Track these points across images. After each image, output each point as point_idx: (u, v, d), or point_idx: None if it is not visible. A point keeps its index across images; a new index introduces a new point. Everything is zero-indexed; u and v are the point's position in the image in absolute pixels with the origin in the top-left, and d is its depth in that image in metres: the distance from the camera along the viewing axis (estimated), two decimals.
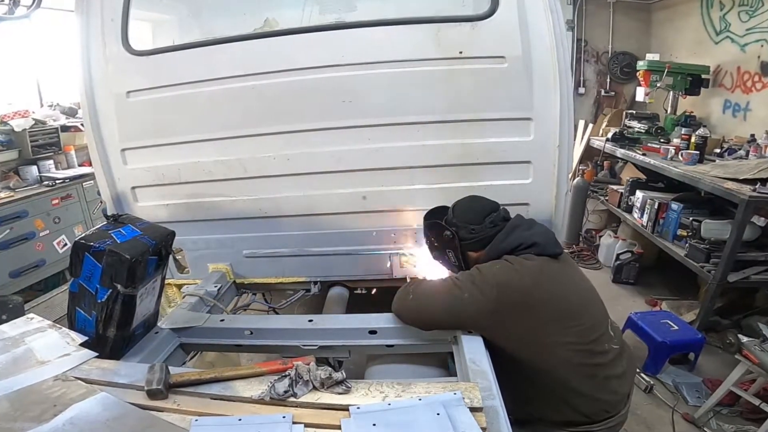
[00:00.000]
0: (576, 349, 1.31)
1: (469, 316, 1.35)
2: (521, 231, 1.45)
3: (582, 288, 1.45)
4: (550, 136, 1.73)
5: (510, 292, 1.32)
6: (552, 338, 1.31)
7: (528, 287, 1.32)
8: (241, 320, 1.76)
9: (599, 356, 1.34)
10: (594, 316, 1.39)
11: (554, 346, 1.31)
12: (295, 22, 1.87)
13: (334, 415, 1.00)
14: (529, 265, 1.36)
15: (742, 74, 3.87)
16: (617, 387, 1.38)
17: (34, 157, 3.69)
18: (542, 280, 1.35)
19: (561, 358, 1.30)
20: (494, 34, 1.64)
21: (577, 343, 1.31)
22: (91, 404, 1.00)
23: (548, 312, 1.32)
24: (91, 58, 1.81)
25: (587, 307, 1.40)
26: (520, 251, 1.41)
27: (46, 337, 1.25)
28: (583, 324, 1.34)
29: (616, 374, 1.37)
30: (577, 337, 1.31)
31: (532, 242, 1.41)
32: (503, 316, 1.32)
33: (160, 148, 1.88)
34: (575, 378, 1.31)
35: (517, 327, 1.32)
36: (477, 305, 1.32)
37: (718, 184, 2.77)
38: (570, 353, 1.30)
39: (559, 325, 1.31)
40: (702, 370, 2.71)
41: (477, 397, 1.02)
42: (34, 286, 3.50)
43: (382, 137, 1.78)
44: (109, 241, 1.31)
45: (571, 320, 1.33)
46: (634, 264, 3.77)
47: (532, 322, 1.31)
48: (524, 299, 1.31)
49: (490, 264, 1.41)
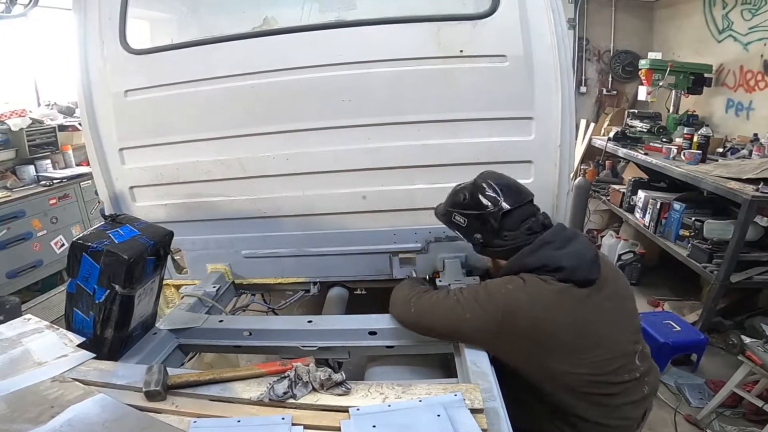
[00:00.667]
0: (586, 380, 1.22)
1: (469, 336, 1.30)
2: (550, 249, 1.28)
3: (610, 317, 1.28)
4: (551, 136, 1.73)
5: (516, 319, 1.21)
6: (559, 368, 1.21)
7: (537, 317, 1.20)
8: (240, 321, 1.76)
9: (614, 386, 1.24)
10: (617, 349, 1.26)
11: (561, 374, 1.21)
12: (295, 20, 1.87)
13: (334, 416, 1.00)
14: (545, 292, 1.22)
15: (744, 73, 3.86)
16: (630, 413, 1.28)
17: (32, 157, 3.68)
18: (556, 311, 1.21)
19: (567, 387, 1.22)
20: (495, 32, 1.64)
21: (588, 375, 1.21)
22: (88, 406, 1.00)
23: (556, 345, 1.21)
24: (88, 57, 1.81)
25: (610, 338, 1.26)
26: (542, 272, 1.26)
27: (43, 338, 1.25)
28: (598, 357, 1.22)
29: (631, 401, 1.27)
30: (588, 369, 1.21)
31: (558, 266, 1.24)
32: (505, 341, 1.24)
33: (158, 148, 1.88)
34: (581, 405, 1.23)
35: (519, 352, 1.24)
36: (478, 326, 1.25)
37: (720, 183, 2.78)
38: (578, 383, 1.22)
39: (567, 358, 1.21)
40: (704, 372, 2.72)
41: (478, 398, 1.02)
42: (32, 286, 3.50)
43: (382, 137, 1.78)
44: (106, 242, 1.31)
45: (583, 354, 1.22)
46: (636, 264, 3.77)
47: (536, 350, 1.22)
48: (531, 330, 1.21)
49: (502, 281, 1.29)
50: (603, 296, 1.28)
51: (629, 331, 1.32)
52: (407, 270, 2.03)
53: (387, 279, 2.07)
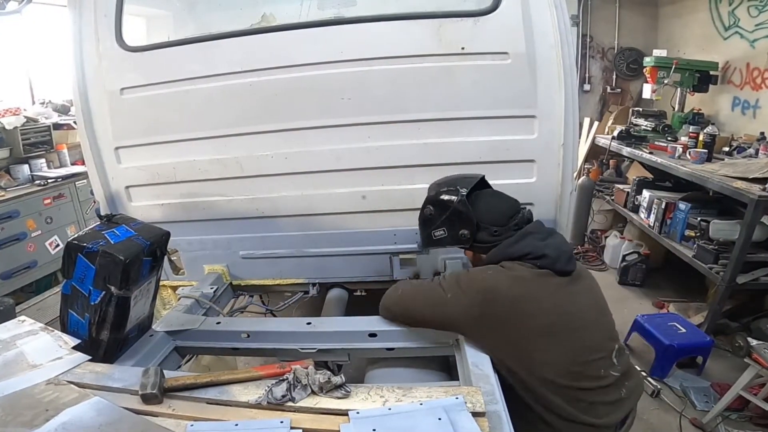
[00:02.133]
0: (564, 369, 1.23)
1: (451, 317, 1.33)
2: (533, 239, 1.35)
3: (586, 308, 1.35)
4: (554, 134, 1.73)
5: (496, 299, 1.26)
6: (536, 354, 1.24)
7: (516, 297, 1.26)
8: (238, 323, 1.75)
9: (590, 380, 1.26)
10: (593, 339, 1.30)
11: (538, 362, 1.24)
12: (293, 17, 1.87)
13: (333, 420, 1.00)
14: (523, 275, 1.29)
15: (751, 71, 3.86)
16: (604, 413, 1.28)
17: (26, 156, 3.69)
18: (533, 292, 1.27)
19: (542, 377, 1.23)
20: (497, 29, 1.64)
21: (566, 363, 1.24)
22: (84, 409, 1.00)
23: (534, 327, 1.25)
24: (84, 55, 1.81)
25: (587, 328, 1.31)
26: (525, 260, 1.32)
27: (38, 340, 1.25)
28: (577, 343, 1.26)
29: (607, 401, 1.28)
30: (565, 357, 1.24)
31: (542, 254, 1.31)
32: (486, 324, 1.27)
33: (154, 147, 1.89)
34: (556, 401, 1.24)
35: (499, 337, 1.27)
36: (460, 308, 1.30)
37: (726, 183, 2.77)
38: (555, 373, 1.23)
39: (544, 341, 1.24)
40: (710, 374, 2.71)
41: (480, 401, 1.02)
42: (26, 287, 3.50)
43: (382, 135, 1.78)
44: (102, 242, 1.31)
45: (561, 338, 1.25)
46: (640, 265, 3.76)
47: (515, 334, 1.25)
48: (510, 309, 1.26)
49: (483, 268, 1.37)
50: (579, 288, 1.36)
51: (605, 326, 1.38)
52: (408, 271, 2.03)
53: (387, 280, 2.07)
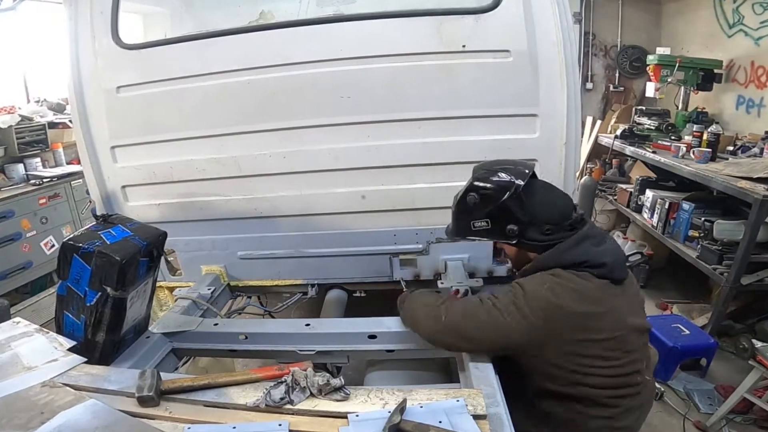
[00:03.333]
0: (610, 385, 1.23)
1: (513, 341, 1.22)
2: (591, 245, 1.27)
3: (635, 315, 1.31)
4: (556, 133, 1.74)
5: (560, 318, 1.18)
6: (590, 371, 1.21)
7: (580, 315, 1.19)
8: (236, 324, 1.76)
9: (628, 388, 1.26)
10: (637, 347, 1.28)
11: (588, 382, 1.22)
12: (292, 14, 1.88)
13: (333, 422, 1.00)
14: (585, 288, 1.21)
15: (756, 69, 3.86)
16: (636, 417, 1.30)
17: (21, 155, 3.69)
18: (596, 308, 1.20)
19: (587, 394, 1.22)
20: (498, 27, 1.64)
21: (612, 381, 1.22)
22: (79, 411, 1.00)
23: (594, 346, 1.20)
24: (79, 52, 1.81)
25: (635, 338, 1.28)
26: (581, 268, 1.23)
27: (33, 342, 1.25)
28: (625, 361, 1.23)
29: (636, 405, 1.29)
30: (614, 372, 1.22)
31: (601, 263, 1.23)
32: (549, 343, 1.21)
33: (151, 146, 1.89)
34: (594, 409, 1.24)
35: (559, 354, 1.21)
36: (521, 329, 1.19)
37: (731, 183, 2.77)
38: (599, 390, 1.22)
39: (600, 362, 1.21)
40: (714, 377, 2.71)
41: (481, 404, 1.02)
42: (21, 288, 3.50)
43: (382, 134, 1.78)
44: (98, 242, 1.32)
45: (613, 359, 1.22)
46: (643, 266, 3.76)
47: (577, 350, 1.20)
48: (573, 328, 1.19)
49: (538, 281, 1.24)
50: (631, 294, 1.32)
51: (645, 330, 1.35)
52: (408, 272, 2.03)
53: (387, 281, 2.07)
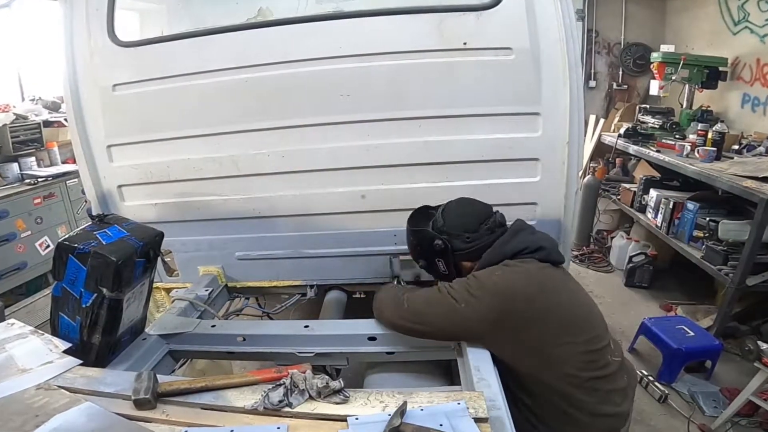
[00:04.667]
0: (581, 360, 1.28)
1: (468, 327, 1.32)
2: (526, 234, 1.44)
3: (583, 297, 1.43)
4: (559, 132, 1.73)
5: (513, 299, 1.28)
6: (556, 349, 1.28)
7: (533, 294, 1.30)
8: (234, 326, 1.76)
9: (600, 369, 1.31)
10: (597, 327, 1.37)
11: (558, 357, 1.28)
12: (291, 11, 1.88)
13: (332, 426, 1.00)
14: (532, 270, 1.34)
15: (761, 66, 3.86)
16: (620, 400, 1.35)
17: (15, 154, 3.67)
18: (547, 287, 1.33)
19: (563, 371, 1.27)
20: (500, 24, 1.64)
21: (582, 353, 1.29)
22: (75, 414, 1.00)
23: (553, 321, 1.29)
24: (75, 50, 1.81)
25: (590, 317, 1.38)
26: (522, 255, 1.38)
27: (27, 344, 1.25)
28: (588, 334, 1.32)
29: (619, 388, 1.35)
30: (582, 348, 1.29)
31: (539, 246, 1.39)
32: (506, 326, 1.28)
33: (148, 145, 1.88)
34: (576, 395, 1.28)
35: (520, 337, 1.28)
36: (477, 315, 1.29)
37: (736, 182, 2.78)
38: (574, 365, 1.28)
39: (564, 335, 1.28)
40: (719, 379, 2.72)
41: (482, 407, 1.02)
42: (15, 290, 3.49)
43: (382, 133, 1.78)
44: (94, 243, 1.31)
45: (577, 330, 1.30)
46: (647, 267, 3.77)
47: (535, 331, 1.28)
48: (529, 307, 1.28)
49: (489, 270, 1.37)
50: (572, 280, 1.47)
51: (599, 314, 1.44)
52: (408, 272, 2.03)
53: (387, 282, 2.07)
